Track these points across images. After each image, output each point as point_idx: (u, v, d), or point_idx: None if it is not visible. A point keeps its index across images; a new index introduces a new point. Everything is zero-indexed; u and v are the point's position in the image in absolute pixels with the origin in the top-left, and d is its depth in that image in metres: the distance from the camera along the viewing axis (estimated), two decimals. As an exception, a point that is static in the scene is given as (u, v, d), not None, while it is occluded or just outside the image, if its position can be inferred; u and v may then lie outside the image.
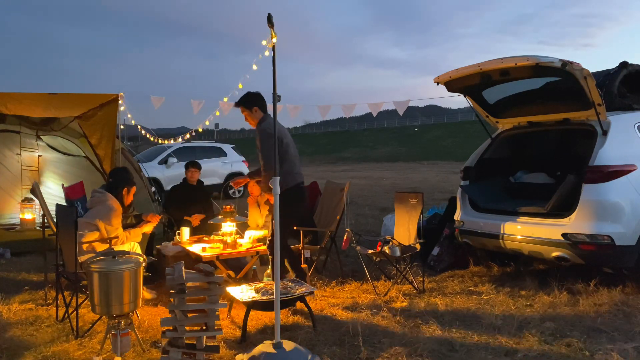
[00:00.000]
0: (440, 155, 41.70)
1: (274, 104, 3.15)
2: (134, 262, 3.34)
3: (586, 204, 4.27)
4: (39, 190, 4.97)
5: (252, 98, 4.48)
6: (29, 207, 7.15)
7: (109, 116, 6.58)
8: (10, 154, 7.87)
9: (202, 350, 2.98)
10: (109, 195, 4.48)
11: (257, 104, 4.45)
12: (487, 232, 4.93)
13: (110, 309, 3.22)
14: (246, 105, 4.47)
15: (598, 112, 4.36)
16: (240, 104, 4.50)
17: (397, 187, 15.12)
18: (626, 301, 4.17)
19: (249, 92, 4.54)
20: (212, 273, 3.07)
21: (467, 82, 4.96)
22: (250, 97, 4.49)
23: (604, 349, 3.26)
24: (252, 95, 4.50)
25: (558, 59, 4.05)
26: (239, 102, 4.52)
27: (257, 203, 5.69)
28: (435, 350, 3.31)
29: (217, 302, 3.06)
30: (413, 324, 3.80)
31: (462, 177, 5.54)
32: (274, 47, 3.10)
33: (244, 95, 4.52)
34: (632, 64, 5.19)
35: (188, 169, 6.34)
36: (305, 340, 3.51)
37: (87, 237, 4.19)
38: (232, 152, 14.42)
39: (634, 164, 4.27)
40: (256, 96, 4.50)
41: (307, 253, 5.29)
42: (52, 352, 3.37)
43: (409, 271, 4.88)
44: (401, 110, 9.87)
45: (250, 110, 4.45)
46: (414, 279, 4.86)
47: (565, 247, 4.33)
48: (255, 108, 4.44)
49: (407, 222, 5.15)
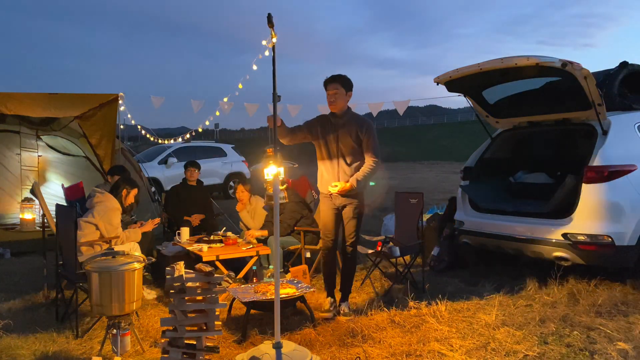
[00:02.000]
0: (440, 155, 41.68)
1: (274, 104, 3.15)
2: (133, 262, 3.34)
3: (586, 204, 4.26)
4: (38, 190, 4.97)
5: (351, 82, 4.04)
6: (29, 207, 7.15)
7: (109, 116, 6.59)
8: (10, 154, 7.87)
9: (202, 350, 2.98)
10: (109, 195, 4.49)
11: (351, 89, 4.04)
12: (487, 232, 4.93)
13: (110, 309, 3.22)
14: (345, 85, 3.99)
15: (598, 112, 4.36)
16: (339, 81, 3.98)
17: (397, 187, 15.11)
18: (626, 301, 4.17)
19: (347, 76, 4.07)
20: (212, 273, 3.07)
21: (467, 82, 4.96)
22: (350, 80, 4.03)
23: (604, 349, 3.26)
24: (351, 80, 4.05)
25: (558, 59, 4.05)
26: (336, 77, 3.99)
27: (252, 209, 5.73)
28: (435, 350, 3.30)
29: (217, 302, 3.05)
30: (413, 324, 3.80)
31: (462, 177, 5.54)
32: (274, 47, 3.09)
33: (344, 75, 4.03)
34: (632, 64, 5.19)
35: (187, 169, 6.35)
36: (305, 340, 3.52)
37: (87, 237, 4.20)
38: (232, 152, 14.41)
39: (634, 164, 4.27)
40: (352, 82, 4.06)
41: (307, 253, 5.30)
42: (52, 352, 3.36)
43: (409, 271, 4.88)
44: (401, 110, 9.88)
45: (346, 92, 3.99)
46: (413, 278, 4.86)
47: (565, 247, 4.33)
48: (350, 92, 4.02)
49: (407, 222, 5.15)
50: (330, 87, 3.96)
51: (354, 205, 4.06)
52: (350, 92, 4.02)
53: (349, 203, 4.06)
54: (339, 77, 3.98)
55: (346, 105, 4.04)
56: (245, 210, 5.72)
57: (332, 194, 4.05)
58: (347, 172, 4.02)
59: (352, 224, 4.09)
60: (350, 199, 4.04)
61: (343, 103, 4.00)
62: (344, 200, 4.06)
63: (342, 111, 4.03)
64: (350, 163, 4.04)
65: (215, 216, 6.64)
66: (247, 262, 4.88)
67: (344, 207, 4.09)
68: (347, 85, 3.99)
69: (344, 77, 4.00)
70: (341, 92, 3.96)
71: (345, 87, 3.98)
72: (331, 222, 4.14)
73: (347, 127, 4.00)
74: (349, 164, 4.03)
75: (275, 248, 3.34)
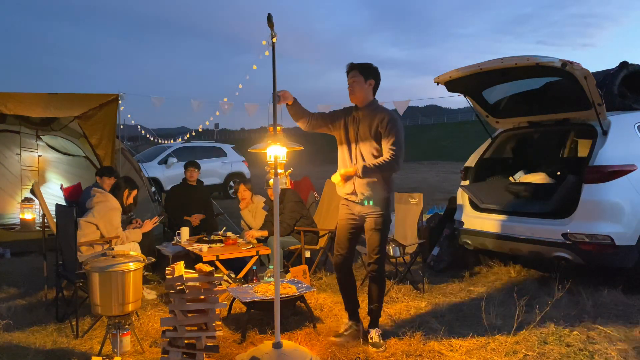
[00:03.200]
0: (440, 155, 41.66)
1: (273, 104, 3.16)
2: (133, 262, 3.34)
3: (586, 204, 4.26)
4: (38, 190, 4.97)
5: (372, 68, 3.54)
6: (29, 207, 7.16)
7: (109, 116, 6.60)
8: (10, 154, 7.88)
9: (202, 350, 2.98)
10: (110, 195, 4.49)
11: (374, 77, 3.53)
12: (487, 232, 4.93)
13: (110, 309, 3.22)
14: (363, 71, 3.50)
15: (598, 112, 4.36)
16: (357, 68, 3.52)
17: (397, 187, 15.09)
18: (626, 301, 4.17)
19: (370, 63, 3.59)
20: (212, 273, 3.07)
21: (467, 82, 4.96)
22: (371, 66, 3.55)
23: (604, 349, 3.26)
24: (373, 66, 3.56)
25: (558, 59, 4.05)
26: (354, 65, 3.54)
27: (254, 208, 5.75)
28: (435, 350, 3.31)
29: (217, 302, 3.06)
30: (413, 324, 3.80)
31: (462, 177, 5.55)
32: (274, 47, 3.10)
33: (364, 63, 3.57)
34: (632, 64, 5.19)
35: (187, 169, 6.36)
36: (305, 340, 3.52)
37: (87, 237, 4.20)
38: (232, 152, 14.42)
39: (634, 164, 4.27)
40: (376, 69, 3.57)
41: (307, 253, 5.30)
42: (52, 352, 3.36)
43: (409, 271, 4.88)
44: (401, 110, 9.88)
45: (365, 80, 3.48)
46: (413, 278, 4.86)
47: (565, 247, 4.32)
48: (371, 81, 3.50)
49: (407, 222, 5.15)
50: (349, 76, 3.53)
51: (375, 215, 3.45)
52: (371, 79, 3.50)
53: (370, 213, 3.46)
54: (357, 64, 3.54)
55: (369, 95, 3.51)
56: (247, 209, 5.73)
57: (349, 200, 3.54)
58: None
59: (375, 237, 3.47)
60: (372, 207, 3.45)
61: (362, 93, 3.49)
62: (364, 209, 3.48)
63: (364, 103, 3.51)
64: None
65: (215, 216, 6.65)
66: (247, 262, 4.88)
67: (365, 218, 3.51)
68: (365, 73, 3.49)
69: (362, 64, 3.54)
70: (359, 81, 3.48)
71: (364, 74, 3.48)
72: (345, 233, 3.57)
73: (367, 120, 3.45)
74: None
75: (275, 248, 3.34)
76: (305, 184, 6.71)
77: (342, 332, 3.55)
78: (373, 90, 3.53)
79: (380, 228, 3.45)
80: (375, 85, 3.53)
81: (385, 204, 3.47)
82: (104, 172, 5.34)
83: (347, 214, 3.57)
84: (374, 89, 3.52)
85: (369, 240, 3.50)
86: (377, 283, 3.55)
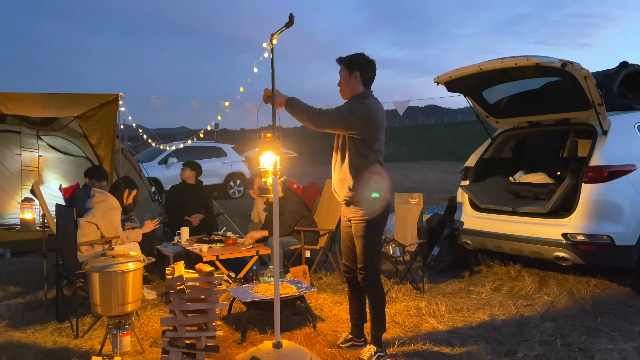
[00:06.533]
0: (440, 155, 41.66)
1: (273, 104, 3.15)
2: (133, 262, 3.34)
3: (586, 204, 4.26)
4: (38, 190, 4.96)
5: (357, 59, 3.22)
6: (29, 207, 7.16)
7: (109, 116, 6.60)
8: (10, 154, 7.88)
9: (202, 350, 2.98)
10: (110, 195, 4.49)
11: (359, 68, 3.20)
12: (487, 232, 4.93)
13: (110, 309, 3.23)
14: (348, 65, 3.21)
15: (598, 112, 4.36)
16: (342, 63, 3.24)
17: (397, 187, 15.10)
18: (626, 301, 4.17)
19: (359, 53, 3.27)
20: (212, 273, 3.08)
21: (467, 82, 4.96)
22: (356, 58, 3.23)
23: (604, 349, 3.26)
24: (359, 57, 3.23)
25: (558, 59, 4.05)
26: (340, 59, 3.26)
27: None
28: (435, 350, 3.31)
29: (217, 302, 3.06)
30: (413, 324, 3.80)
31: (462, 177, 5.55)
32: (273, 48, 3.09)
33: (350, 55, 3.27)
34: (632, 64, 5.19)
35: (181, 168, 6.36)
36: (305, 340, 3.52)
37: (87, 237, 4.20)
38: (232, 152, 14.41)
39: (634, 164, 4.27)
40: (363, 60, 3.23)
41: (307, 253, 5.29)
42: (52, 352, 3.37)
43: (409, 271, 4.88)
44: (401, 110, 9.88)
45: (350, 74, 3.20)
46: (413, 278, 4.86)
47: (565, 247, 4.32)
48: (355, 73, 3.19)
49: (407, 222, 5.15)
50: (339, 72, 3.29)
51: (357, 220, 3.16)
52: (355, 72, 3.19)
53: (354, 216, 3.19)
54: (343, 58, 3.25)
55: (357, 89, 3.21)
56: (262, 199, 5.69)
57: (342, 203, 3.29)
58: (343, 172, 3.19)
59: (359, 245, 3.19)
60: (353, 207, 3.17)
61: (348, 87, 3.22)
62: (349, 212, 3.23)
63: (350, 97, 3.25)
64: (344, 159, 3.19)
65: (215, 216, 6.64)
66: (247, 262, 4.88)
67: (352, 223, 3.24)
68: (350, 66, 3.20)
69: (347, 57, 3.24)
70: (344, 75, 3.23)
71: (349, 67, 3.20)
72: (347, 243, 3.36)
73: None
74: (342, 161, 3.20)
75: (275, 248, 3.34)
76: (314, 189, 6.74)
77: (339, 343, 3.41)
78: (362, 83, 3.22)
79: (362, 235, 3.15)
80: (363, 76, 3.21)
81: (370, 207, 3.14)
82: (93, 175, 5.06)
83: (344, 220, 3.35)
84: (362, 81, 3.21)
85: (356, 245, 3.24)
86: (368, 295, 3.27)
